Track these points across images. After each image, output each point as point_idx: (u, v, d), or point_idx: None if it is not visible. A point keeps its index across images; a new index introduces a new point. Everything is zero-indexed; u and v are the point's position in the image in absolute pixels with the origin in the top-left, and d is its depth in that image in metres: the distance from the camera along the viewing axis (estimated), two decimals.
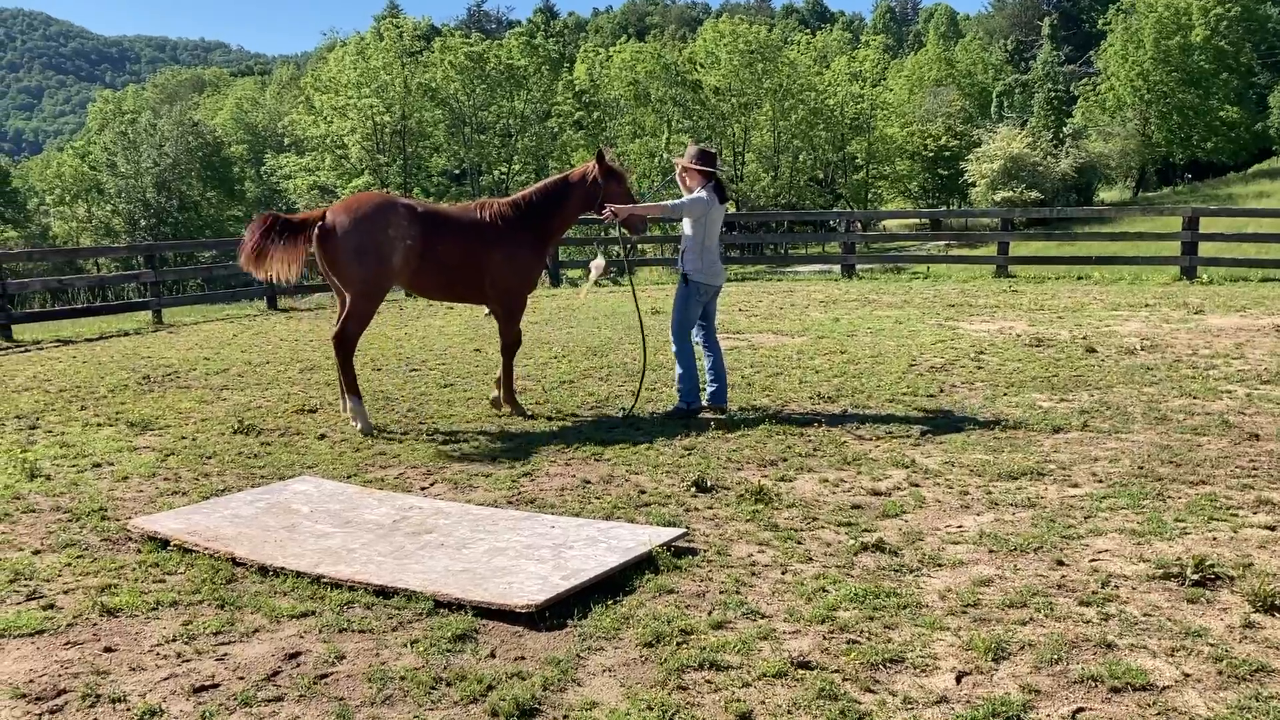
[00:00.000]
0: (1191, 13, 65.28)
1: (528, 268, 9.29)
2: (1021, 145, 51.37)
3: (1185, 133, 65.89)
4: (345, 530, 6.16)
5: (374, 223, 8.71)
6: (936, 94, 68.76)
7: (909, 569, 5.54)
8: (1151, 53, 63.57)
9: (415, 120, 54.55)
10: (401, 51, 53.72)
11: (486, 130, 57.27)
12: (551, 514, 6.52)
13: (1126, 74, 64.98)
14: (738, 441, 8.35)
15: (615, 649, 4.69)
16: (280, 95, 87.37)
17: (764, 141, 59.15)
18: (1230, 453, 7.69)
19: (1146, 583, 5.28)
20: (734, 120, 58.33)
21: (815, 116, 58.00)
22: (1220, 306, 15.68)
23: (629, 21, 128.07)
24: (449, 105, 56.03)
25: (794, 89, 57.15)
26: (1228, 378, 10.36)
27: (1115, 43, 67.17)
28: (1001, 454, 7.78)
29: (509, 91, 56.72)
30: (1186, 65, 64.12)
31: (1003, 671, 4.39)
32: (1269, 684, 4.23)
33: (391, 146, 54.65)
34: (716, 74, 57.65)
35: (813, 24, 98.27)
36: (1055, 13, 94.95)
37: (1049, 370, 10.88)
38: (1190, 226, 20.11)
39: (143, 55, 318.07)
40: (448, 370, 11.90)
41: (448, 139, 57.32)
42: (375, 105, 52.40)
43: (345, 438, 8.82)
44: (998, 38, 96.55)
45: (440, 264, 8.94)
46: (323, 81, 56.67)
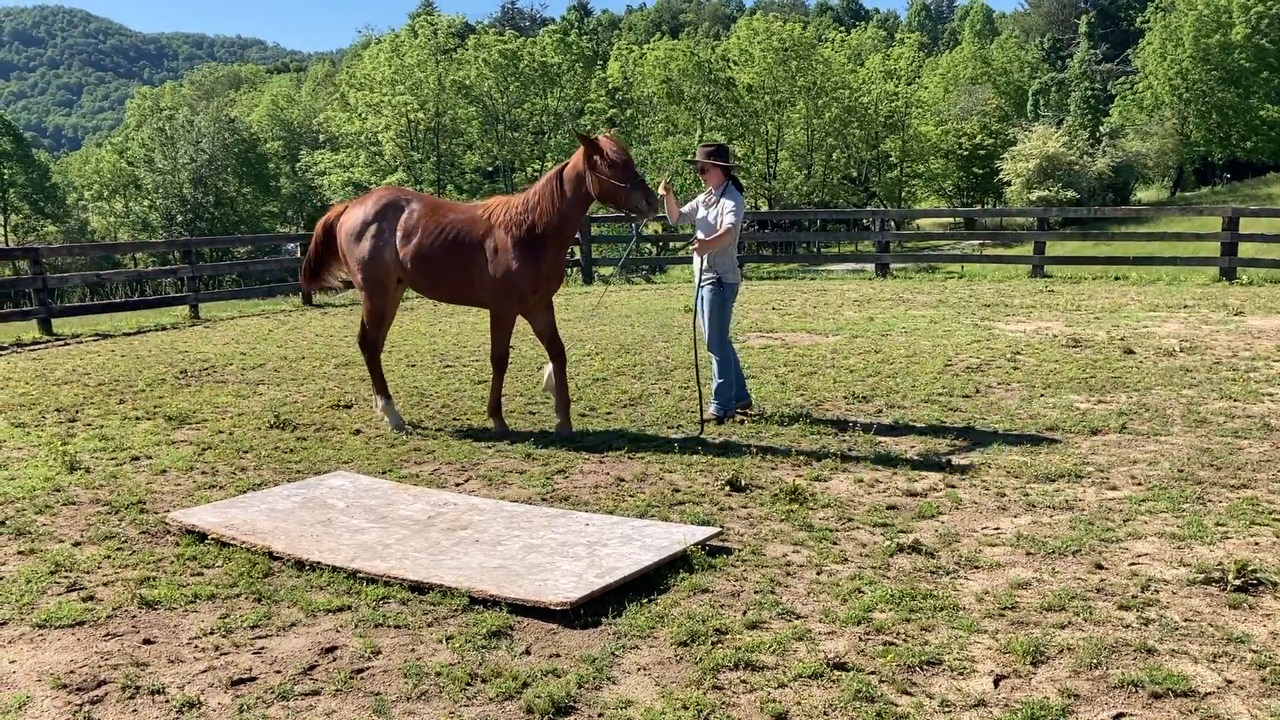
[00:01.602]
0: (1232, 10, 64.50)
1: (512, 272, 8.40)
2: (1057, 144, 50.95)
3: (1224, 132, 65.13)
4: (380, 525, 6.19)
5: (370, 218, 8.77)
6: (972, 92, 68.28)
7: (945, 571, 5.50)
8: (1190, 51, 62.87)
9: (449, 117, 54.73)
10: (436, 49, 53.90)
11: (520, 128, 57.37)
12: (585, 511, 6.52)
13: (1165, 72, 64.30)
14: (772, 440, 8.33)
15: (650, 648, 4.68)
16: (315, 92, 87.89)
17: (797, 140, 58.91)
18: (1272, 456, 7.58)
19: (1187, 587, 5.22)
20: (767, 118, 58.14)
21: (849, 114, 57.71)
22: (1261, 308, 15.48)
23: (662, 19, 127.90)
24: (482, 103, 56.17)
25: (828, 87, 56.88)
26: (1269, 380, 10.23)
27: (1154, 41, 66.47)
28: (1038, 455, 7.71)
29: (542, 89, 56.80)
30: (1226, 63, 63.36)
31: (1041, 675, 4.35)
32: None
33: (425, 144, 54.86)
34: (750, 72, 57.47)
35: (847, 21, 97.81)
36: (1093, 10, 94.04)
37: (1086, 371, 10.78)
38: (1230, 227, 19.87)
39: (180, 52, 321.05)
40: (481, 367, 11.93)
41: (481, 136, 57.45)
42: (409, 102, 52.60)
43: (380, 433, 8.86)
44: (1034, 35, 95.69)
45: (430, 262, 8.60)
46: (358, 79, 56.93)
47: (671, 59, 58.55)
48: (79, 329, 17.14)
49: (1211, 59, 63.26)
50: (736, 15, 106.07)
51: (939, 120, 63.39)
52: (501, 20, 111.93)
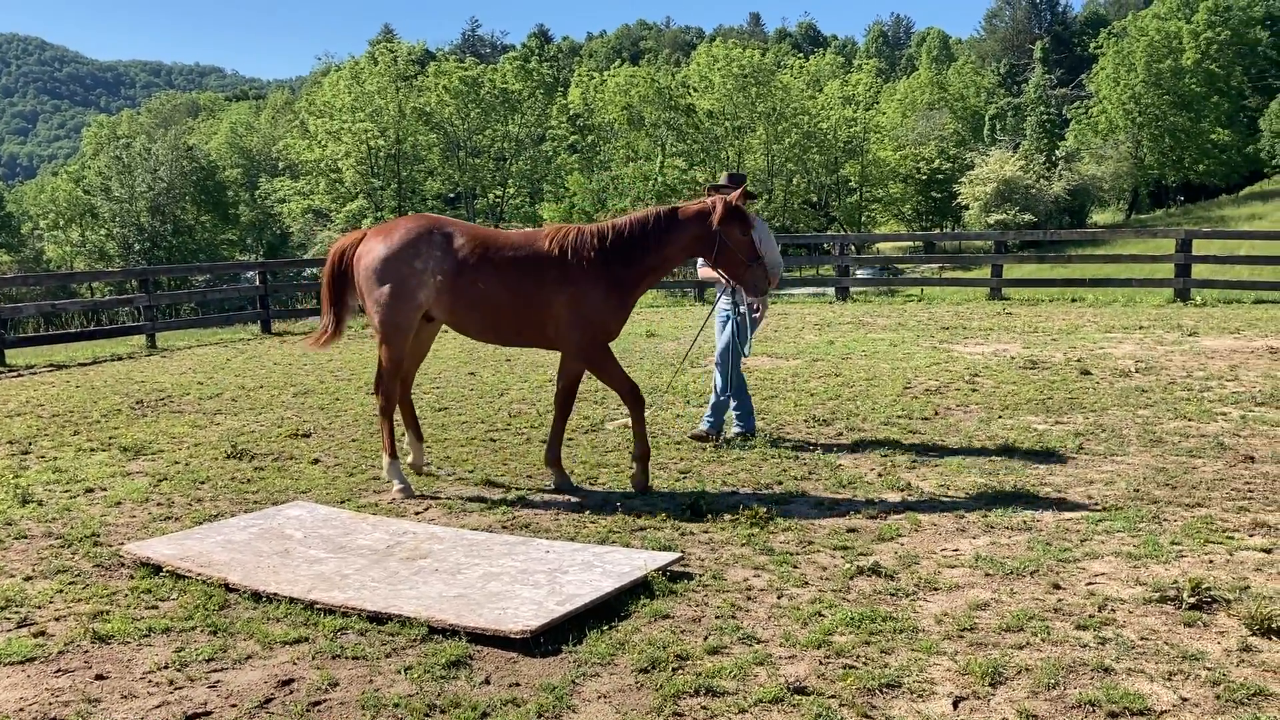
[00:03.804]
0: (1182, 36, 65.81)
1: (599, 318, 7.49)
2: (1014, 168, 51.63)
3: (1177, 155, 66.31)
4: (339, 556, 6.13)
5: (397, 252, 7.54)
6: (929, 117, 69.12)
7: (905, 593, 5.52)
8: (1143, 76, 64.05)
9: (409, 144, 54.74)
10: (396, 76, 53.93)
11: (481, 154, 57.47)
12: (546, 539, 6.49)
13: (1118, 97, 65.43)
14: (733, 465, 8.33)
15: (610, 675, 4.66)
16: (275, 119, 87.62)
17: (757, 165, 59.37)
18: (1225, 475, 7.68)
19: (1143, 606, 5.27)
20: (727, 144, 58.59)
21: (809, 140, 58.30)
22: (1214, 328, 15.71)
23: (623, 46, 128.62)
24: (443, 129, 56.23)
25: (787, 113, 57.45)
26: (1222, 400, 10.37)
27: (1107, 66, 67.67)
28: (997, 477, 7.77)
29: (503, 115, 56.95)
30: (1178, 88, 64.57)
31: (1000, 696, 4.37)
32: (1267, 708, 4.21)
33: (386, 170, 54.77)
34: (710, 98, 57.95)
35: (805, 48, 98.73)
36: (1047, 36, 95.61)
37: (1043, 393, 10.88)
38: (1183, 249, 20.17)
39: (137, 80, 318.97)
40: (442, 394, 11.88)
41: (442, 163, 57.50)
42: (369, 129, 52.58)
43: (339, 462, 8.80)
44: (990, 61, 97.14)
45: (481, 302, 7.49)
46: (317, 106, 56.84)
47: (632, 85, 58.97)
48: (33, 360, 16.92)
49: (1163, 84, 64.46)
50: (696, 42, 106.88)
51: (897, 145, 64.13)
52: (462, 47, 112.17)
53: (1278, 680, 4.45)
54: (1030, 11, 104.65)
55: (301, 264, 41.04)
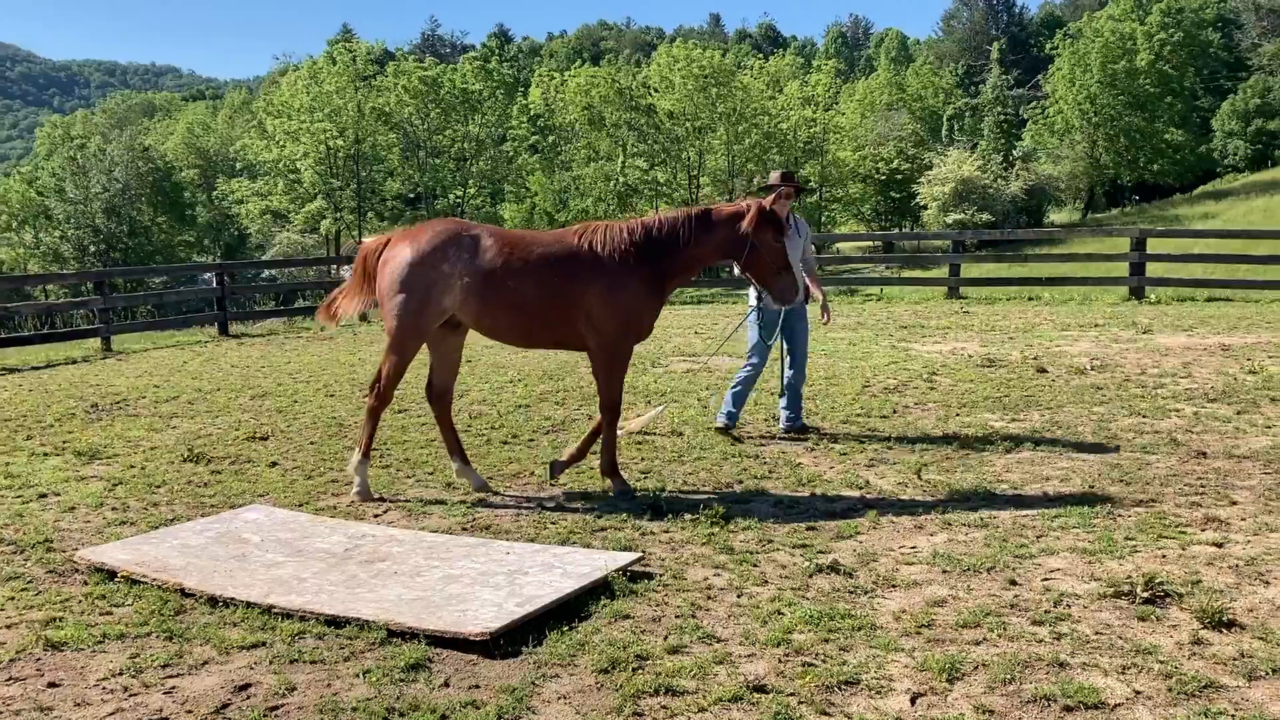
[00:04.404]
0: (1136, 38, 66.65)
1: (633, 310, 7.45)
2: (972, 168, 52.08)
3: (1132, 155, 67.17)
4: (296, 559, 6.09)
5: (424, 257, 7.42)
6: (888, 118, 69.52)
7: (864, 590, 5.56)
8: (1098, 77, 64.78)
9: (369, 144, 54.35)
10: (355, 76, 53.52)
11: (441, 154, 57.18)
12: (506, 540, 6.48)
13: (1074, 97, 66.14)
14: (694, 464, 8.36)
15: (571, 676, 4.66)
16: (232, 120, 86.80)
17: (718, 165, 59.48)
18: (1179, 471, 7.79)
19: (1098, 601, 5.33)
20: (688, 144, 58.64)
21: (769, 140, 58.41)
22: (1168, 326, 15.92)
23: (583, 46, 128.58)
24: (403, 129, 55.91)
25: (747, 113, 57.55)
26: (1175, 396, 10.51)
27: (1063, 67, 68.38)
28: (954, 474, 7.84)
29: (463, 115, 56.71)
30: (1132, 89, 65.38)
31: (957, 692, 4.40)
32: (1217, 700, 4.27)
33: (345, 171, 54.36)
34: (671, 98, 57.95)
35: (765, 49, 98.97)
36: (1004, 37, 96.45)
37: (1001, 390, 10.99)
38: (1138, 247, 20.43)
39: (92, 80, 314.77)
40: (402, 396, 11.79)
41: (402, 163, 57.15)
42: (328, 129, 52.14)
43: (297, 465, 8.73)
44: (948, 62, 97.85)
45: (514, 304, 7.39)
46: (275, 106, 56.29)
47: (593, 86, 58.88)
48: None
49: (1118, 84, 65.24)
50: (657, 43, 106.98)
51: (857, 146, 64.47)
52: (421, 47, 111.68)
53: (1228, 672, 4.52)
54: (987, 13, 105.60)
55: (260, 265, 40.72)
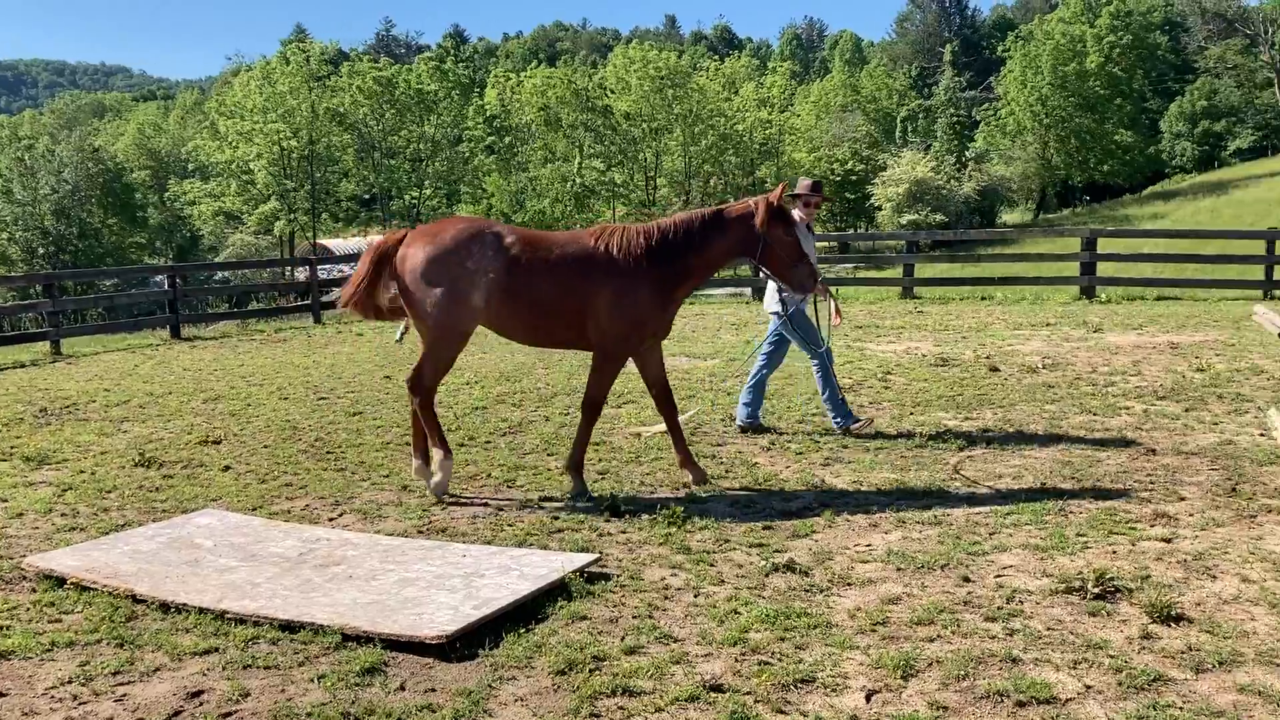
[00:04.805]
0: (1086, 40, 67.58)
1: (640, 313, 7.49)
2: (926, 169, 52.53)
3: (1083, 156, 68.09)
4: (250, 564, 6.03)
5: (449, 254, 7.35)
6: (843, 119, 70.01)
7: (819, 589, 5.59)
8: (1049, 79, 65.63)
9: (323, 145, 53.92)
10: (309, 76, 53.08)
11: (396, 155, 56.84)
12: (463, 543, 6.46)
13: (1026, 99, 66.96)
14: (651, 465, 8.36)
15: (527, 678, 4.65)
16: (184, 120, 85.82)
17: (675, 166, 59.62)
18: (1129, 467, 7.90)
19: (1050, 597, 5.40)
20: (645, 145, 58.73)
21: (725, 141, 58.63)
22: (1118, 325, 16.14)
23: (540, 47, 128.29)
24: (358, 130, 55.52)
25: (704, 114, 57.73)
26: (1125, 394, 10.65)
27: (1014, 69, 69.22)
28: (909, 473, 7.91)
29: (419, 116, 56.40)
30: (1082, 91, 66.29)
31: (911, 689, 4.44)
32: (1166, 693, 4.34)
33: (299, 172, 53.90)
34: (627, 99, 58.00)
35: (721, 51, 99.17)
36: (956, 40, 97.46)
37: (954, 389, 11.09)
38: (1088, 247, 20.68)
39: (40, 79, 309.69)
40: (357, 398, 11.74)
41: (357, 164, 56.76)
42: (282, 130, 51.67)
43: (250, 469, 8.64)
44: (901, 64, 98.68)
45: (531, 303, 7.43)
46: (228, 106, 55.71)
47: (549, 87, 58.83)
48: None
49: (1069, 86, 66.11)
50: (613, 44, 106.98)
51: (812, 147, 64.84)
52: (376, 47, 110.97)
53: (1176, 666, 4.59)
54: (940, 15, 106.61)
55: (213, 267, 40.28)
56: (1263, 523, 6.54)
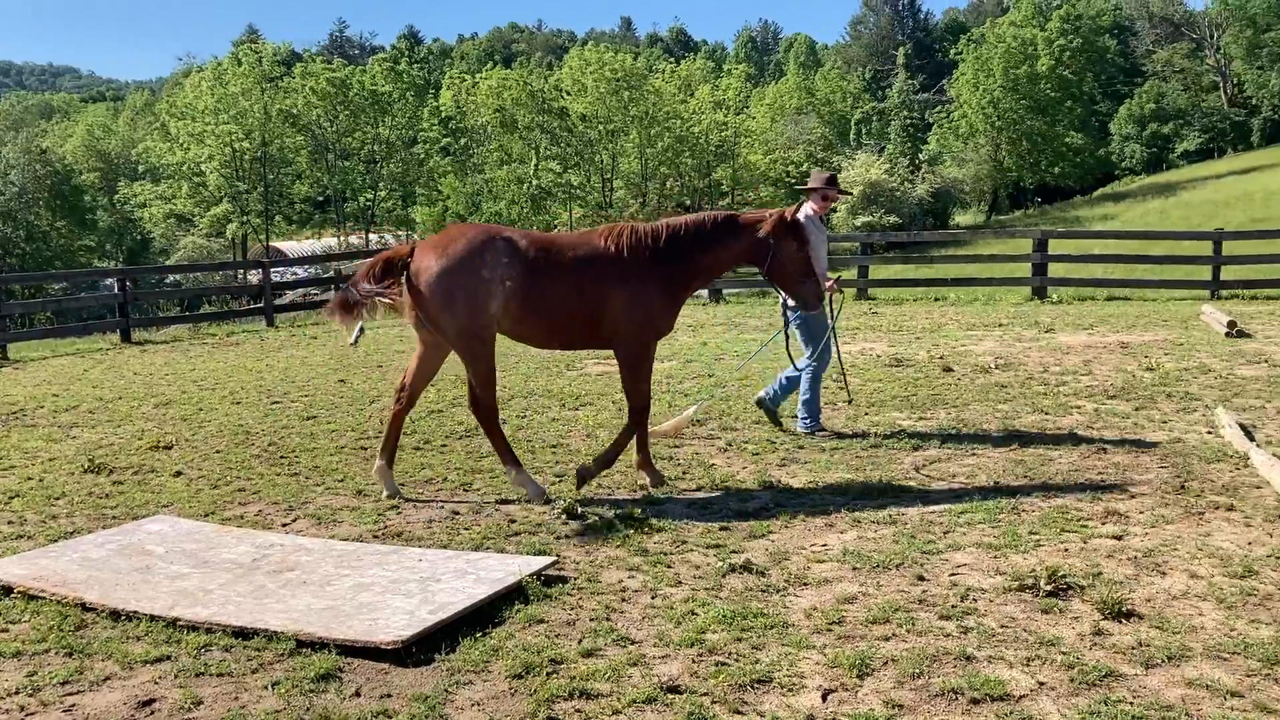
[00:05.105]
0: (1037, 43, 68.38)
1: (655, 311, 7.62)
2: (880, 171, 52.90)
3: (1034, 158, 68.89)
4: (202, 571, 5.96)
5: (464, 263, 7.26)
6: (798, 122, 70.32)
7: (776, 589, 5.61)
8: (1001, 81, 66.32)
9: (276, 147, 53.43)
10: (261, 77, 52.57)
11: (350, 157, 56.43)
12: (419, 547, 6.42)
13: (978, 102, 67.63)
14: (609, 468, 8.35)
15: (484, 682, 4.63)
16: (134, 122, 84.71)
17: (631, 168, 59.60)
18: (1080, 466, 8.00)
19: (1003, 595, 5.45)
20: (601, 147, 58.67)
21: (681, 144, 58.69)
22: (1069, 325, 16.33)
23: (495, 48, 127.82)
24: (311, 131, 55.05)
25: (660, 116, 57.76)
26: (1077, 394, 10.78)
27: (967, 72, 69.89)
28: (863, 472, 7.96)
29: (373, 118, 56.02)
30: (1034, 93, 67.06)
31: (867, 687, 4.47)
32: (1117, 688, 4.40)
33: (251, 174, 53.37)
34: (583, 101, 57.92)
35: (677, 53, 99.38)
36: (909, 43, 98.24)
37: (908, 390, 11.17)
38: (1040, 248, 20.91)
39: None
40: (311, 402, 11.64)
41: (310, 166, 56.29)
42: (234, 132, 51.15)
43: (203, 474, 8.55)
44: (855, 66, 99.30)
45: (548, 307, 7.43)
46: (179, 108, 55.07)
47: (505, 88, 58.60)
48: None
49: (1020, 89, 66.85)
50: (568, 46, 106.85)
51: (767, 149, 65.05)
52: (330, 48, 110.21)
53: (1127, 661, 4.65)
54: (893, 18, 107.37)
55: (164, 270, 39.79)
56: (1210, 519, 6.64)
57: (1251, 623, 5.04)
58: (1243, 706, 4.25)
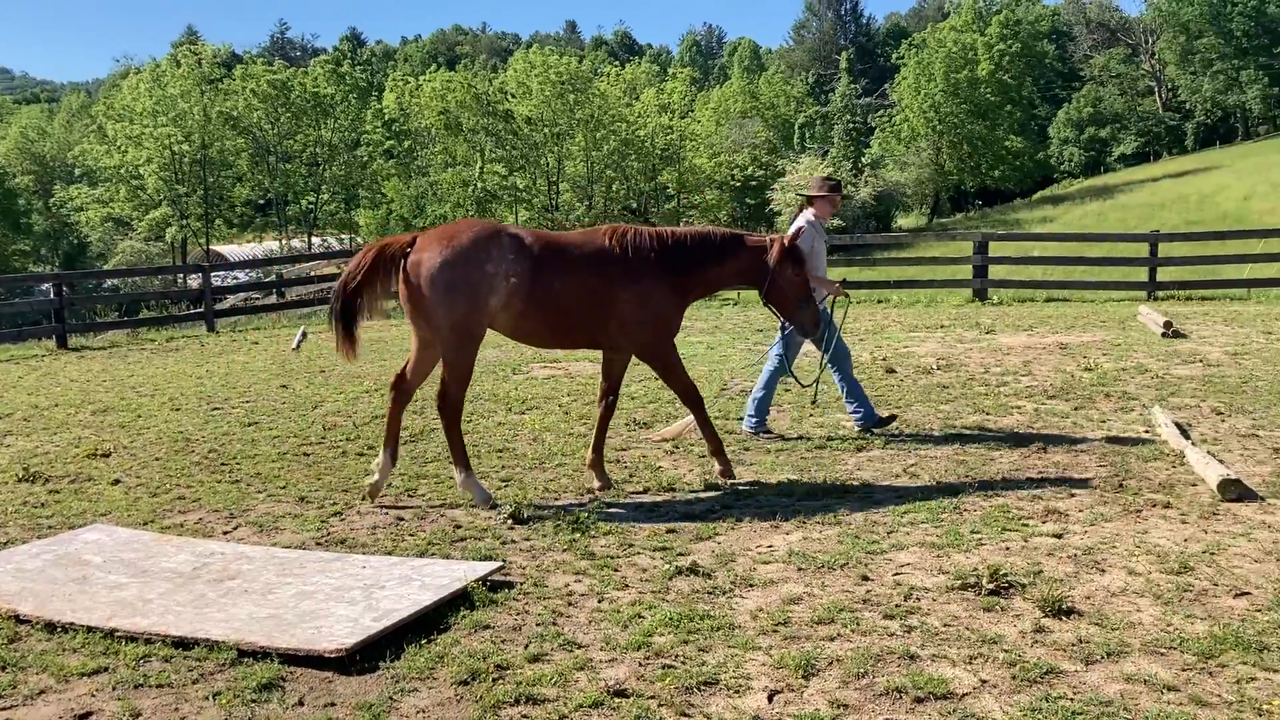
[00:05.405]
0: (977, 48, 69.34)
1: (665, 311, 7.71)
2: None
3: (975, 161, 69.85)
4: (141, 580, 5.86)
5: (464, 258, 7.18)
6: (742, 125, 70.69)
7: (722, 591, 5.63)
8: (942, 86, 67.19)
9: (216, 149, 52.80)
10: (201, 79, 51.96)
11: (292, 159, 55.88)
12: (363, 554, 6.36)
13: (919, 106, 68.44)
14: (555, 471, 8.34)
15: (430, 689, 4.60)
16: (70, 124, 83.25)
17: (577, 171, 59.54)
18: (1021, 465, 8.10)
19: (946, 594, 5.51)
20: (547, 150, 58.54)
21: (627, 147, 58.73)
22: (1009, 326, 16.54)
23: (439, 51, 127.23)
24: (252, 134, 54.46)
25: (605, 120, 57.75)
26: (1017, 394, 10.93)
27: (908, 76, 70.70)
28: (808, 473, 8.01)
29: (315, 120, 55.54)
30: (974, 98, 68.01)
31: (813, 688, 4.50)
32: (1058, 685, 4.46)
33: (191, 177, 52.67)
34: (528, 104, 57.78)
35: (622, 56, 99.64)
36: (852, 47, 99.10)
37: (835, 390, 11.22)
38: (981, 251, 21.16)
39: None
40: (253, 408, 11.49)
41: (251, 168, 55.67)
42: (173, 134, 50.45)
43: (141, 482, 8.40)
44: (799, 71, 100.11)
45: (554, 305, 7.39)
46: (116, 110, 54.23)
47: (449, 91, 58.30)
48: None
49: (961, 93, 67.77)
50: (513, 48, 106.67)
51: (712, 153, 65.26)
52: (271, 50, 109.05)
53: (1067, 658, 4.72)
54: (836, 23, 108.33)
55: (101, 275, 39.11)
56: (1148, 517, 6.76)
57: (1187, 618, 5.13)
58: (1179, 700, 4.32)
